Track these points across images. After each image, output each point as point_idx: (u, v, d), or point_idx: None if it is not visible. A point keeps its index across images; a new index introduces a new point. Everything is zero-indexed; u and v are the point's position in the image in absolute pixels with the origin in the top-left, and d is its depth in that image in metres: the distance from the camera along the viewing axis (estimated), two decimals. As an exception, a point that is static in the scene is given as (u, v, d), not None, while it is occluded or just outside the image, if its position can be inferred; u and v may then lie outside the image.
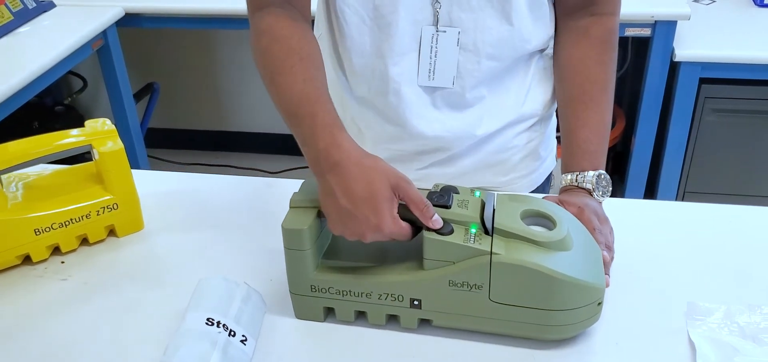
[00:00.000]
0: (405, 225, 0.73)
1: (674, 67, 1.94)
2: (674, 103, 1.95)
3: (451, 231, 0.73)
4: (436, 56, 0.94)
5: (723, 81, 1.94)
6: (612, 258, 0.84)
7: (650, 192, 2.12)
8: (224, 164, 3.18)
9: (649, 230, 0.96)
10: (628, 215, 0.95)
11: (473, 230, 0.74)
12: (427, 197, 0.75)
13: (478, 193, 0.79)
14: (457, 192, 0.78)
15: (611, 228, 0.87)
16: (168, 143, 3.29)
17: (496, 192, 0.80)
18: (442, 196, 0.76)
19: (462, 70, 0.95)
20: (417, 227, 0.75)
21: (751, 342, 0.73)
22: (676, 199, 2.07)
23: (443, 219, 0.74)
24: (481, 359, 0.75)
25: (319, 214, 0.78)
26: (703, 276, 0.86)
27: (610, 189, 0.92)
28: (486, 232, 0.74)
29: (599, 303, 0.74)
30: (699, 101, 1.96)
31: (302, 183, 0.83)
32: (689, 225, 0.98)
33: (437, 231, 0.73)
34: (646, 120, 2.04)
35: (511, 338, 0.77)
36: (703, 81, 1.93)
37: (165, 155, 3.23)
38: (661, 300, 0.82)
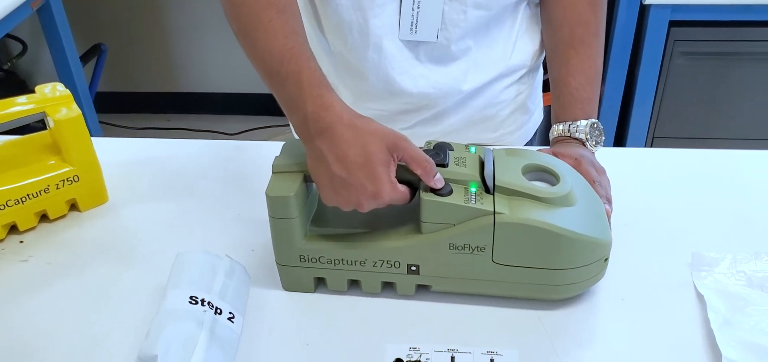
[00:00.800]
0: (404, 189, 0.68)
1: (643, 10, 1.92)
2: (644, 48, 1.93)
3: (451, 192, 0.68)
4: (418, 7, 0.88)
5: (692, 23, 1.92)
6: (612, 210, 0.81)
7: (619, 138, 2.11)
8: (179, 127, 3.07)
9: (641, 179, 0.94)
10: (616, 164, 0.91)
11: (473, 189, 0.69)
12: None
13: (473, 149, 0.75)
14: (452, 149, 0.74)
15: (608, 180, 0.84)
16: (118, 108, 3.15)
17: (492, 148, 0.75)
18: (437, 154, 0.71)
19: (447, 21, 0.89)
20: (413, 188, 0.70)
21: (758, 290, 0.71)
22: (645, 145, 2.07)
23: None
24: (483, 323, 0.72)
25: (306, 179, 0.73)
26: (703, 224, 0.85)
27: (604, 138, 0.89)
28: (486, 191, 0.70)
29: (606, 260, 0.71)
30: (668, 45, 1.94)
31: (283, 146, 0.77)
32: (680, 172, 0.96)
33: (436, 192, 0.68)
34: (616, 65, 2.01)
35: (514, 300, 0.73)
36: (672, 24, 1.91)
37: (116, 120, 3.10)
38: (663, 251, 0.80)
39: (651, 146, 2.07)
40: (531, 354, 0.67)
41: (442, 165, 0.70)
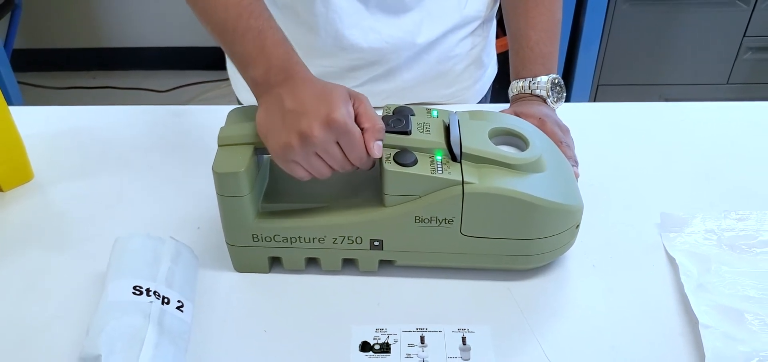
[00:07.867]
0: (359, 130, 0.62)
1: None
2: (589, -5, 1.92)
3: (415, 162, 0.64)
4: (368, -46, 0.82)
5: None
6: (579, 172, 0.78)
7: (564, 86, 2.10)
8: (106, 86, 2.90)
9: (601, 136, 0.91)
10: (576, 120, 0.88)
11: (439, 157, 0.65)
12: None
13: (436, 113, 0.70)
14: (414, 114, 0.69)
15: (573, 139, 0.81)
16: (38, 66, 2.95)
17: (455, 111, 0.71)
18: (399, 121, 0.66)
19: None
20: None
21: (729, 250, 0.70)
22: (590, 92, 2.07)
23: (403, 147, 0.65)
24: (452, 298, 0.68)
25: (257, 151, 0.67)
26: (669, 181, 0.83)
27: (564, 94, 0.86)
28: (453, 159, 0.65)
29: (577, 226, 0.68)
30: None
31: (228, 114, 0.71)
32: (640, 126, 0.94)
33: (399, 162, 0.63)
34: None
35: (482, 271, 0.70)
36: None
37: (36, 80, 2.90)
38: (631, 212, 0.78)
39: (596, 93, 2.07)
40: (503, 329, 0.64)
41: (405, 132, 0.65)
